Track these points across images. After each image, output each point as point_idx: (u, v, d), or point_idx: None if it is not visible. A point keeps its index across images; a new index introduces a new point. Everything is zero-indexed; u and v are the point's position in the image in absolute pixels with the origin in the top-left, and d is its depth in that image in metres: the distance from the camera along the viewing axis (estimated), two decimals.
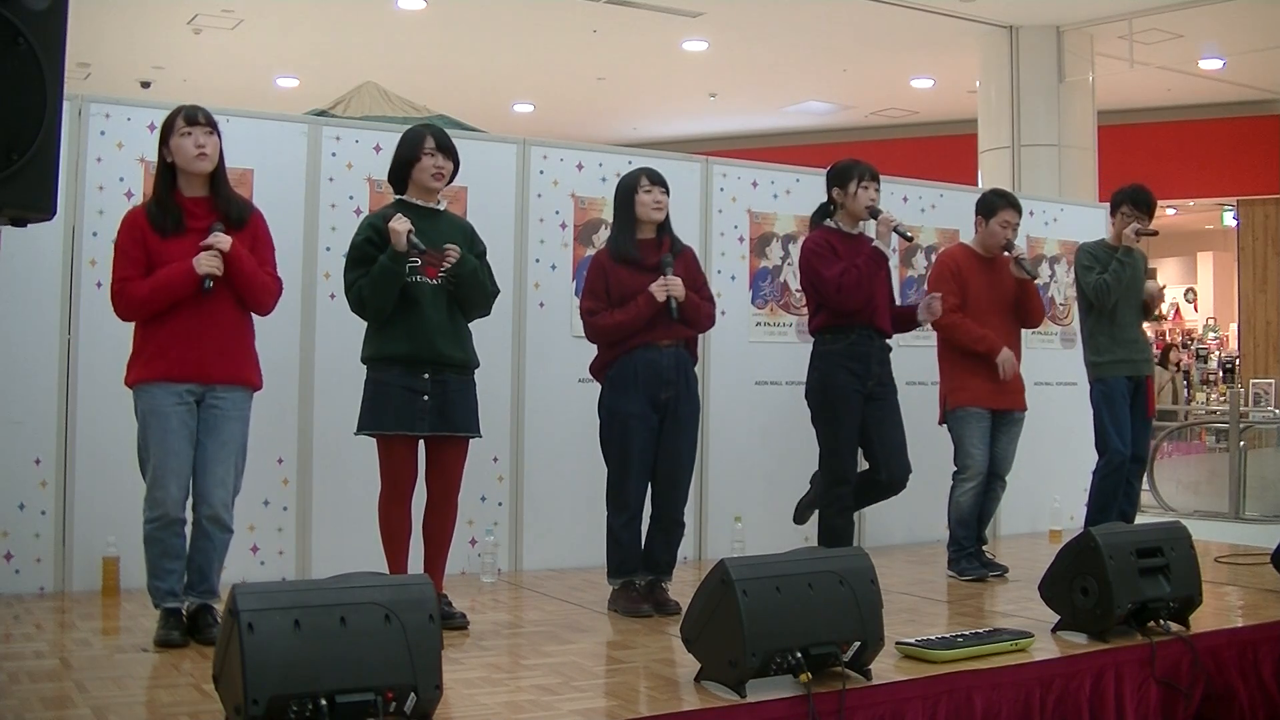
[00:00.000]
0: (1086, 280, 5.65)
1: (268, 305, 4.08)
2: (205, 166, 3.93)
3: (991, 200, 5.56)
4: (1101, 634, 3.98)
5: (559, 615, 4.57)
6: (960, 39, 11.39)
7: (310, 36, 11.46)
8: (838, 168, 5.11)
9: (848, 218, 5.07)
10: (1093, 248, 5.76)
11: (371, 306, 4.13)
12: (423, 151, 4.21)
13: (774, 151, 14.16)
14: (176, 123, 3.92)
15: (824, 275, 4.94)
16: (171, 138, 3.92)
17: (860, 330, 4.99)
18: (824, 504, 5.04)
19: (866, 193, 4.99)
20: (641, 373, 4.53)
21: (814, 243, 5.06)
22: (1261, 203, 14.48)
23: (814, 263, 4.99)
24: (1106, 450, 5.66)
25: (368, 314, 4.18)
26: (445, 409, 4.20)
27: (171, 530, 3.89)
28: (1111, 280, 5.57)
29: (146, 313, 3.89)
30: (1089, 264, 5.67)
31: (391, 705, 2.78)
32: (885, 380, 5.07)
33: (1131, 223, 5.66)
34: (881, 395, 5.04)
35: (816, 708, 3.22)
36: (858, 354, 4.98)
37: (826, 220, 5.13)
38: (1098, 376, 5.73)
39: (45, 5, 2.62)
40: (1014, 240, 5.52)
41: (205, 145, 3.91)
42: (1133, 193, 5.74)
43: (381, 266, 4.07)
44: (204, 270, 3.84)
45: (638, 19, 10.73)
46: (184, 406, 3.89)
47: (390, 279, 4.08)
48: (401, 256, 4.06)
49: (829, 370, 5.00)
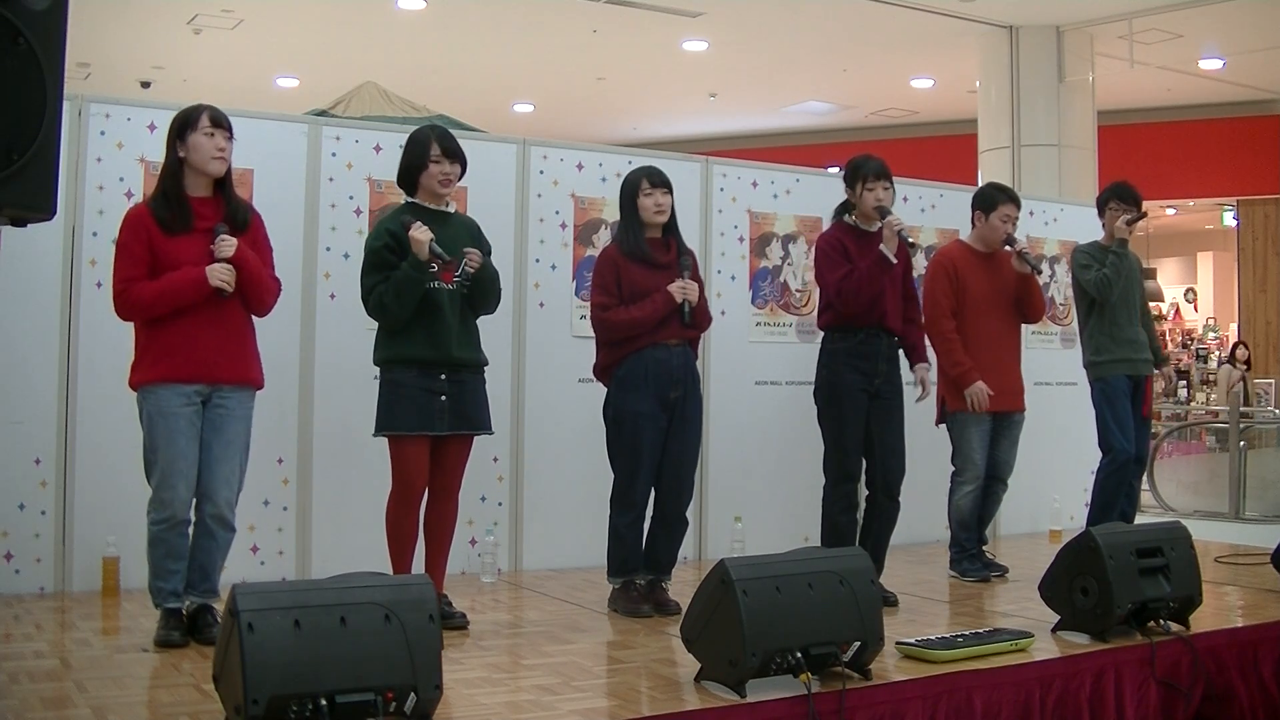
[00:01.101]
0: (1086, 278, 5.63)
1: (268, 306, 4.09)
2: (220, 170, 3.93)
3: (991, 194, 5.54)
4: (1101, 634, 3.98)
5: (559, 615, 4.57)
6: (960, 39, 11.40)
7: (310, 36, 11.47)
8: (849, 165, 5.05)
9: (861, 216, 5.04)
10: (1086, 248, 5.75)
11: (393, 313, 4.14)
12: (429, 159, 4.21)
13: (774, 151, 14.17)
14: (201, 120, 3.90)
15: (826, 279, 4.94)
16: (191, 134, 3.89)
17: (868, 329, 4.98)
18: (829, 501, 5.04)
19: (873, 193, 4.94)
20: (651, 372, 4.54)
21: (826, 241, 5.04)
22: (1261, 203, 14.49)
23: (821, 263, 5.00)
24: (1111, 449, 5.65)
25: (387, 320, 4.19)
26: (463, 408, 4.23)
27: (177, 531, 3.89)
28: (1111, 274, 5.56)
29: (149, 316, 3.89)
30: (1085, 262, 5.66)
31: (391, 705, 2.78)
32: (892, 379, 5.04)
33: (1120, 216, 5.65)
34: (887, 395, 5.03)
35: (816, 708, 3.22)
36: (865, 352, 4.97)
37: (845, 216, 5.10)
38: (1098, 376, 5.72)
39: (45, 5, 2.62)
40: (1015, 235, 5.51)
41: (225, 150, 3.92)
42: (1116, 188, 5.75)
43: (405, 275, 4.08)
44: (216, 283, 3.84)
45: (638, 19, 10.73)
46: (191, 408, 3.89)
47: (413, 287, 4.09)
48: (424, 265, 4.08)
49: (836, 368, 4.99)
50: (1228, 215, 16.41)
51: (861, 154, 5.07)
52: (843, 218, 5.09)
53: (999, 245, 5.51)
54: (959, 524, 5.47)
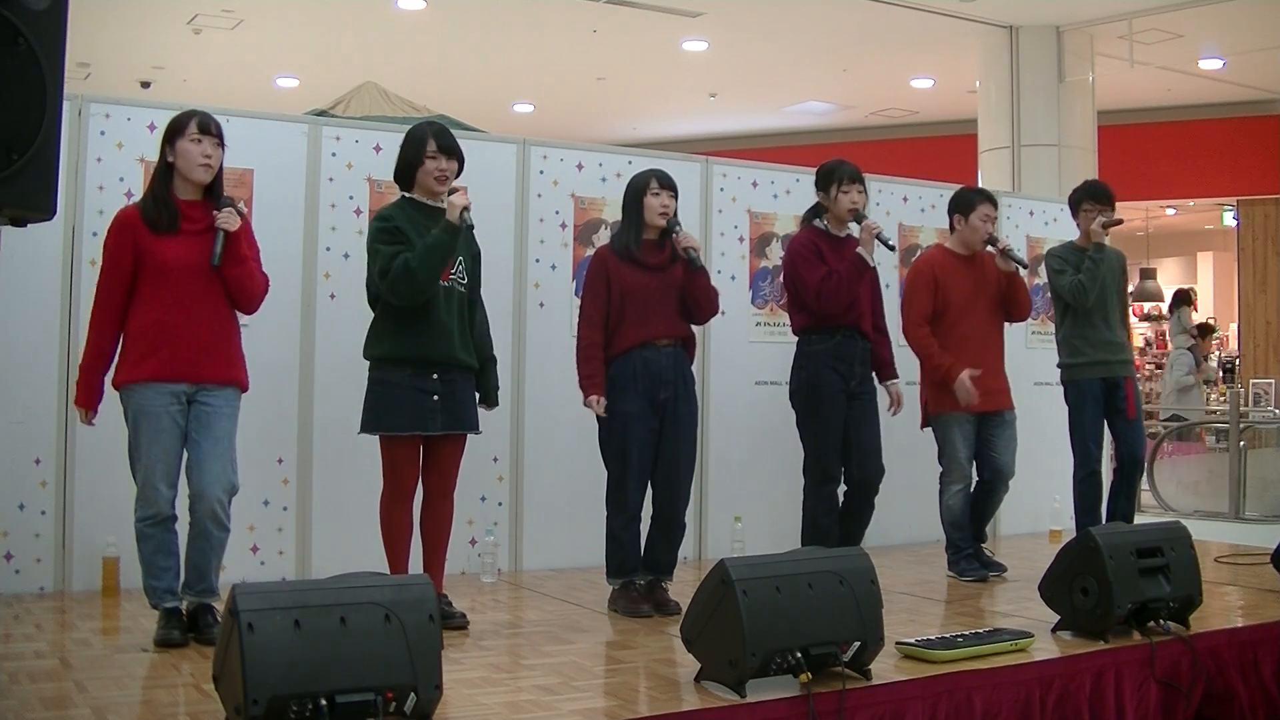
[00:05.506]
0: (1060, 283, 5.61)
1: (257, 300, 4.08)
2: (205, 178, 3.95)
3: (968, 197, 5.55)
4: (1101, 634, 3.98)
5: (559, 615, 4.57)
6: (960, 39, 11.39)
7: (310, 36, 11.46)
8: (821, 170, 5.15)
9: (834, 220, 5.09)
10: (1060, 251, 5.73)
11: (419, 279, 4.04)
12: (425, 155, 4.21)
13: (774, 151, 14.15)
14: (189, 127, 3.92)
15: (805, 279, 4.96)
16: (179, 140, 3.93)
17: (845, 331, 5.03)
18: (811, 503, 5.05)
19: (847, 196, 5.01)
20: (640, 373, 4.54)
21: (799, 243, 5.09)
22: (1261, 203, 14.47)
23: (798, 264, 5.02)
24: (1077, 456, 5.66)
25: (410, 287, 4.06)
26: (454, 408, 4.22)
27: (164, 527, 3.91)
28: (1086, 279, 5.54)
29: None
30: (1059, 267, 5.64)
31: (391, 705, 2.78)
32: (866, 380, 5.11)
33: (1096, 217, 5.64)
34: (862, 395, 5.07)
35: (816, 708, 3.22)
36: (843, 354, 5.02)
37: (816, 221, 5.14)
38: (1070, 379, 5.70)
39: (45, 5, 2.62)
40: (995, 233, 5.50)
41: (212, 157, 3.93)
42: (1089, 188, 5.76)
43: (435, 238, 4.05)
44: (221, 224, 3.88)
45: (638, 19, 10.72)
46: (176, 406, 3.90)
47: (444, 250, 4.06)
48: (456, 230, 4.07)
49: (816, 370, 5.02)
50: (1228, 215, 16.39)
51: (834, 158, 5.14)
52: (813, 222, 5.13)
53: (981, 246, 5.51)
54: (951, 524, 5.47)
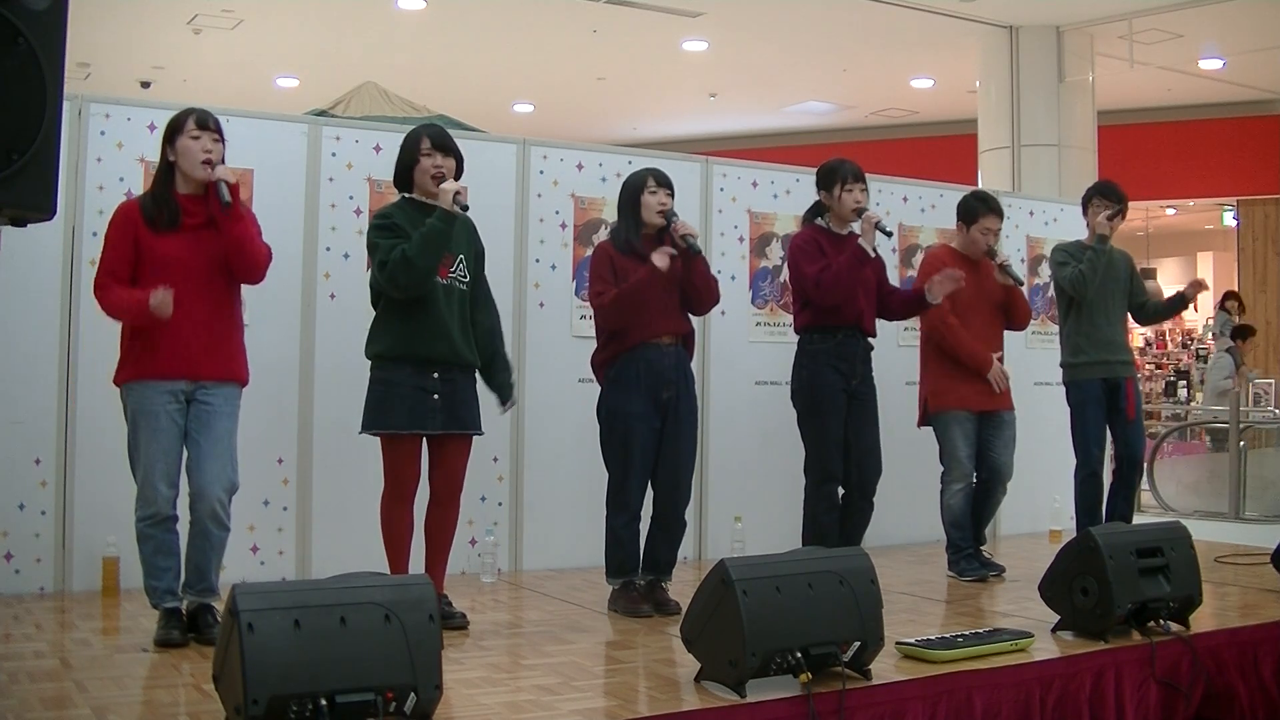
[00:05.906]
0: (1062, 275, 5.62)
1: (261, 267, 4.02)
2: (208, 174, 3.93)
3: (973, 206, 5.52)
4: (1101, 634, 3.98)
5: (559, 615, 4.57)
6: (960, 39, 11.39)
7: (310, 36, 11.46)
8: (823, 169, 5.14)
9: (836, 219, 5.10)
10: (1067, 246, 5.75)
11: (418, 268, 4.04)
12: (420, 153, 4.21)
13: (774, 151, 14.15)
14: (187, 124, 3.93)
15: (805, 271, 4.98)
16: (179, 138, 3.93)
17: (846, 330, 5.03)
18: (812, 502, 5.06)
19: (851, 195, 5.02)
20: (643, 372, 4.54)
21: (801, 240, 5.10)
22: (1261, 203, 14.48)
23: (798, 258, 5.04)
24: (1078, 456, 5.66)
25: (410, 277, 4.06)
26: (454, 407, 4.21)
27: (164, 527, 3.91)
28: (1087, 270, 5.54)
29: (113, 317, 3.95)
30: (1062, 260, 5.65)
31: (391, 705, 2.78)
32: (867, 379, 5.11)
33: (1102, 212, 5.65)
34: (862, 395, 5.08)
35: (816, 708, 3.22)
36: (844, 353, 5.02)
37: (817, 220, 5.15)
38: (1071, 379, 5.71)
39: (45, 5, 2.62)
40: (995, 246, 5.49)
41: (212, 152, 3.92)
42: (1101, 186, 5.77)
43: (430, 227, 4.06)
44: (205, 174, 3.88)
45: (638, 19, 10.73)
46: (175, 405, 3.90)
47: (440, 238, 4.06)
48: (451, 217, 4.07)
49: (817, 369, 5.03)
50: (1228, 215, 16.40)
51: (835, 158, 5.14)
52: (814, 221, 5.14)
53: (981, 256, 5.52)
54: (951, 524, 5.47)
